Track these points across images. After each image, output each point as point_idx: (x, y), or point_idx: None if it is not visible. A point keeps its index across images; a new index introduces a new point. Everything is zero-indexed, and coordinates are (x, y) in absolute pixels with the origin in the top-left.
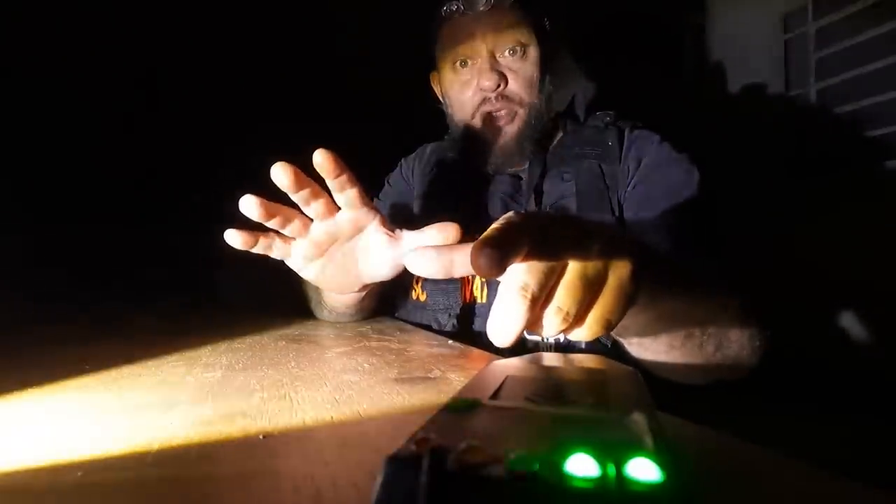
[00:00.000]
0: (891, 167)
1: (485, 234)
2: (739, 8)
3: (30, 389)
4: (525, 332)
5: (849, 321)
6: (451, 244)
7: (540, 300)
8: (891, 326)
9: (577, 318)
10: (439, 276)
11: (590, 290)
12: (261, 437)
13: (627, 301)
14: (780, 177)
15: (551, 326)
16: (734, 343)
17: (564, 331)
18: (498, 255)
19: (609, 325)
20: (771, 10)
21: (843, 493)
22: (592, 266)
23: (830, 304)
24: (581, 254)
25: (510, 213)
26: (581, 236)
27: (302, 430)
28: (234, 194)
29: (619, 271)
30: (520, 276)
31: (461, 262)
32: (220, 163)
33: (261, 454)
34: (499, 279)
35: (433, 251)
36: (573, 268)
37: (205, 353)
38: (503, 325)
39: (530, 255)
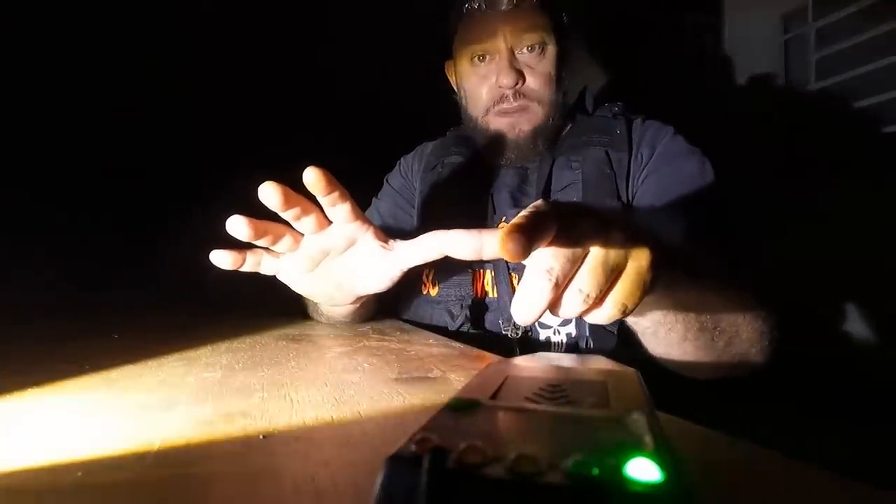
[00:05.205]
0: (891, 166)
1: (513, 220)
2: (739, 8)
3: (30, 389)
4: (546, 313)
5: (849, 321)
6: (475, 231)
7: (563, 283)
8: (891, 326)
9: (597, 301)
10: (469, 256)
11: (610, 276)
12: (261, 437)
13: (645, 288)
14: (779, 176)
15: (572, 307)
16: (745, 340)
17: (583, 313)
18: (526, 240)
19: (625, 310)
20: (771, 11)
21: (844, 493)
22: (613, 253)
23: (830, 304)
24: (603, 242)
25: (538, 202)
26: (604, 226)
27: (302, 430)
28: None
29: (637, 260)
30: (546, 259)
31: (490, 244)
32: (220, 164)
33: (261, 454)
34: (523, 263)
35: (464, 233)
36: (595, 254)
37: (205, 353)
38: (528, 303)
39: (556, 241)
